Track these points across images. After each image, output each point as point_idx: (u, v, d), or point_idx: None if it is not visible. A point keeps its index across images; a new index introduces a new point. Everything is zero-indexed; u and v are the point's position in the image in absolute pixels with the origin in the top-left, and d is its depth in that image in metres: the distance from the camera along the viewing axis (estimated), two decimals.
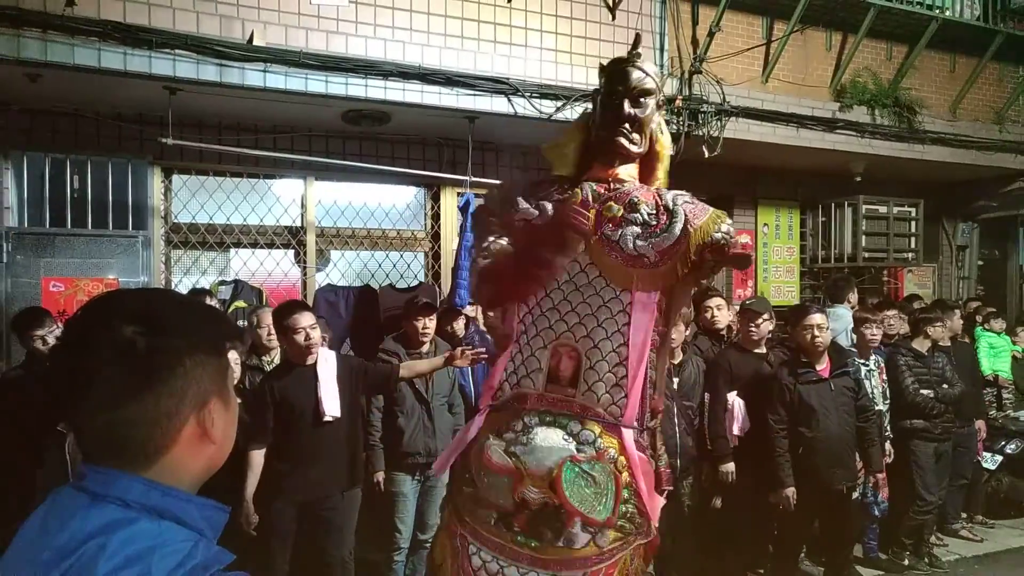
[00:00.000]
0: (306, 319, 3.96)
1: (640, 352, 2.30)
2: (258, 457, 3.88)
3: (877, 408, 5.25)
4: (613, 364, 2.28)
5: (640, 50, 2.51)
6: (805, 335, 4.70)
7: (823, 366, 4.74)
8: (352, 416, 4.09)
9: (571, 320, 2.30)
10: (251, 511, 3.84)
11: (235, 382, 4.27)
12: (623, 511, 2.25)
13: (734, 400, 4.83)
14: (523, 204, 2.39)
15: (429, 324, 4.71)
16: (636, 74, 2.38)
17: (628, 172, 2.46)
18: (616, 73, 2.41)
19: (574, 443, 2.22)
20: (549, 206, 2.40)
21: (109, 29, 4.73)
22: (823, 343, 4.69)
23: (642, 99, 2.39)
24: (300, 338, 3.92)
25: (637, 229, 2.32)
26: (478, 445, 2.31)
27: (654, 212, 2.36)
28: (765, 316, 4.95)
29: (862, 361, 5.37)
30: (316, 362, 3.99)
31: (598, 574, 2.24)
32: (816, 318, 4.70)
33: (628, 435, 2.27)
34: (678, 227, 2.34)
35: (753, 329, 4.96)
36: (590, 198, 2.37)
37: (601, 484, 2.21)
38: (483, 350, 4.26)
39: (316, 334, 4.00)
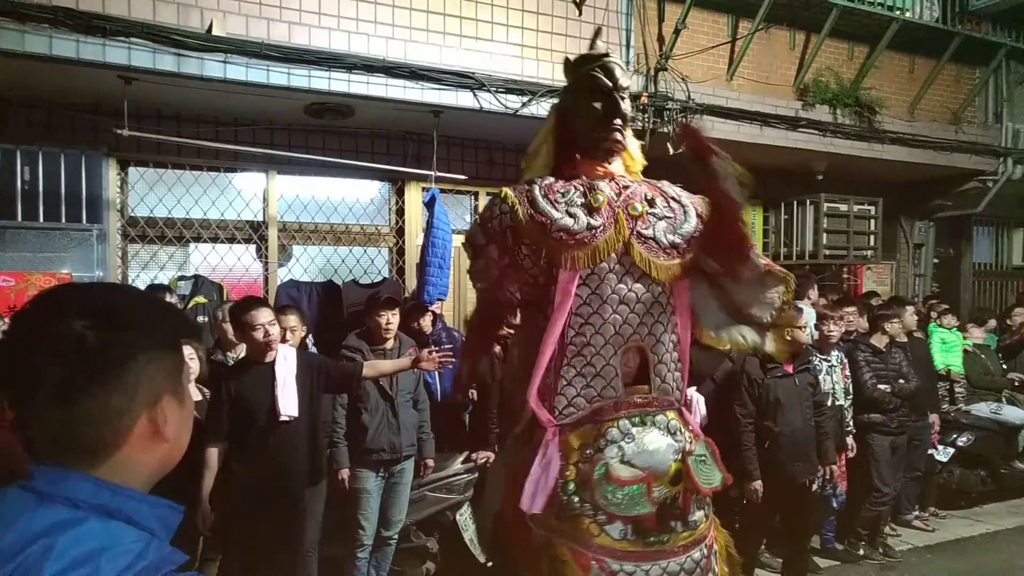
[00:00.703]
0: (264, 315, 3.88)
1: (687, 338, 2.45)
2: (214, 455, 3.80)
3: (839, 404, 5.35)
4: (672, 354, 2.40)
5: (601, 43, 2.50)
6: (787, 332, 4.78)
7: (790, 362, 4.81)
8: (312, 415, 4.02)
9: (634, 322, 2.32)
10: (207, 510, 3.76)
11: (195, 378, 4.19)
12: None
13: (694, 395, 4.87)
14: (555, 213, 2.32)
15: (392, 320, 4.65)
16: (619, 70, 2.40)
17: (620, 168, 2.48)
18: (606, 68, 2.40)
19: (669, 435, 2.32)
20: (602, 220, 2.34)
21: (61, 16, 4.59)
22: (799, 341, 4.75)
23: (625, 96, 2.43)
24: (258, 335, 3.83)
25: (664, 223, 2.38)
26: (594, 473, 2.25)
27: (667, 205, 2.44)
28: None
29: (823, 357, 5.45)
30: (275, 360, 3.90)
31: (712, 539, 2.42)
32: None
33: (687, 414, 2.48)
34: (693, 215, 2.45)
35: None
36: (613, 198, 2.36)
37: (708, 459, 2.40)
38: (450, 353, 4.22)
39: (275, 330, 3.92)
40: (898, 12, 7.86)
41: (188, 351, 4.18)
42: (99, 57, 4.72)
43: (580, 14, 6.26)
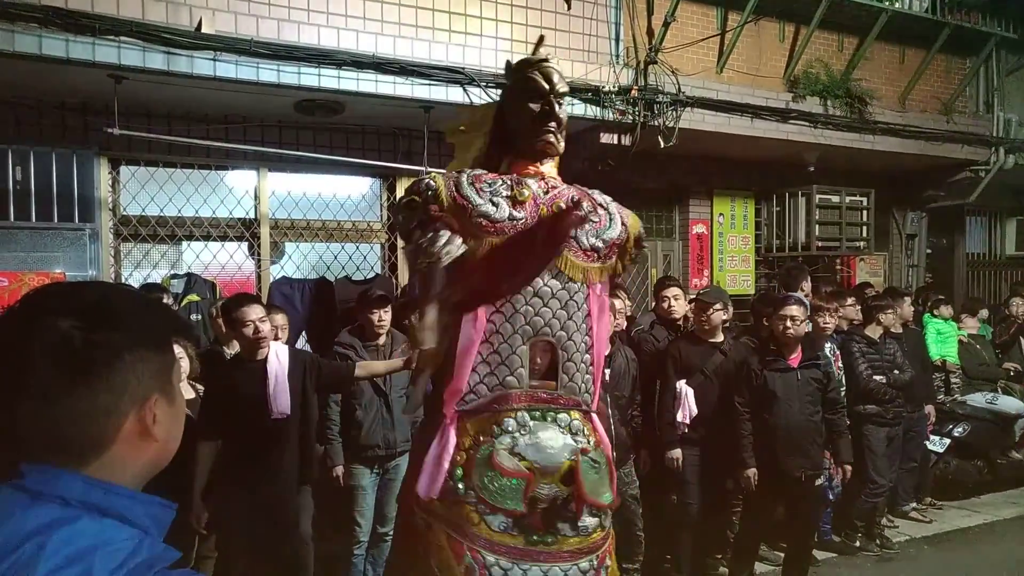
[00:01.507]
0: (255, 312, 3.88)
1: (601, 340, 2.46)
2: (206, 452, 3.80)
3: None
4: (583, 354, 2.39)
5: (543, 50, 2.57)
6: (779, 324, 4.77)
7: (794, 356, 4.79)
8: (304, 413, 4.02)
9: (546, 315, 2.33)
10: (201, 508, 3.77)
11: (186, 375, 4.19)
12: None
13: (682, 388, 4.87)
14: (477, 199, 2.31)
15: (384, 316, 4.65)
16: (557, 76, 2.44)
17: (552, 170, 2.51)
18: (544, 72, 2.44)
19: (569, 435, 2.31)
20: (525, 215, 2.34)
21: (50, 15, 4.58)
22: (794, 334, 4.75)
23: (562, 101, 2.47)
24: (249, 331, 3.84)
25: (587, 226, 2.41)
26: (478, 454, 2.24)
27: (592, 209, 2.47)
28: (717, 306, 4.97)
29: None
30: (266, 357, 3.90)
31: (605, 553, 2.39)
32: (792, 309, 4.76)
33: (596, 419, 2.45)
34: (618, 221, 2.51)
35: (704, 318, 5.00)
36: (540, 195, 2.39)
37: (602, 469, 2.36)
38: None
39: (266, 327, 3.92)
40: (887, 3, 7.90)
41: (178, 349, 4.19)
42: (89, 56, 4.72)
43: (569, 8, 6.27)
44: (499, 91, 5.82)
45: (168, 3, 4.97)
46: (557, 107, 2.43)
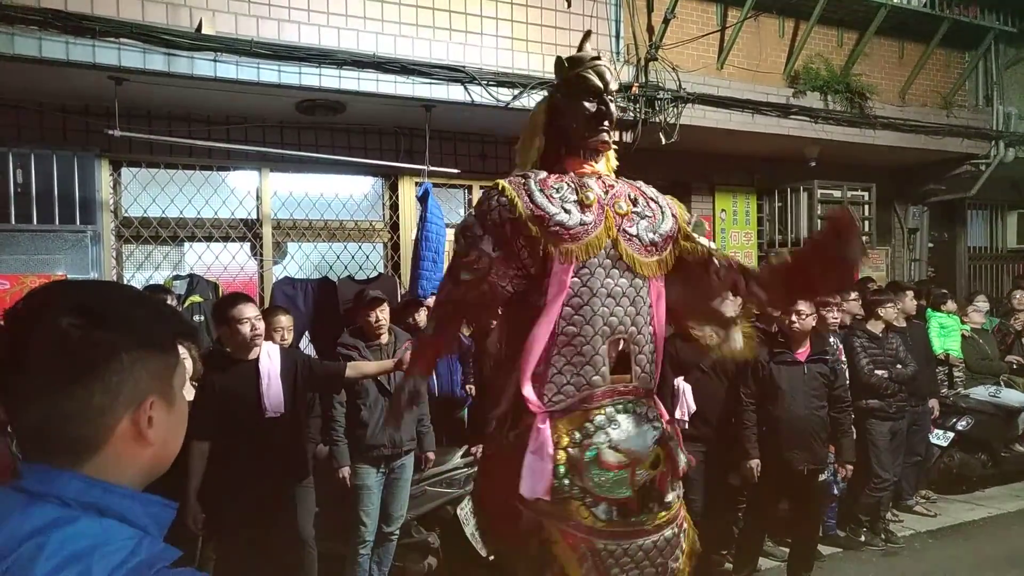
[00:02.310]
0: (251, 310, 3.89)
1: (662, 332, 2.60)
2: (200, 452, 3.78)
3: None
4: (650, 345, 2.53)
5: (589, 46, 2.65)
6: (785, 319, 4.78)
7: (802, 350, 4.79)
8: (296, 412, 4.01)
9: (620, 314, 2.45)
10: (197, 509, 3.76)
11: (190, 376, 4.18)
12: None
13: (680, 385, 4.87)
14: (551, 207, 2.42)
15: (381, 316, 4.64)
16: (610, 74, 2.53)
17: (604, 167, 2.61)
18: (598, 71, 2.52)
19: (647, 423, 2.47)
20: (592, 217, 2.46)
21: (50, 17, 4.58)
22: (800, 328, 4.75)
23: (615, 98, 2.56)
24: (247, 328, 3.82)
25: (645, 222, 2.53)
26: (584, 456, 2.37)
27: (647, 205, 2.58)
28: None
29: None
30: (258, 357, 3.89)
31: (683, 519, 2.60)
32: (799, 304, 4.77)
33: (658, 400, 2.65)
34: (669, 214, 2.62)
35: None
36: (602, 196, 2.49)
37: (677, 442, 2.58)
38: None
39: (261, 325, 3.93)
40: None
41: (181, 350, 4.17)
42: (89, 58, 4.71)
43: (569, 6, 6.26)
44: (500, 89, 5.85)
45: (168, 4, 4.97)
46: (612, 106, 2.53)
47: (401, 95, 5.59)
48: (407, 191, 6.66)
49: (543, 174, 2.50)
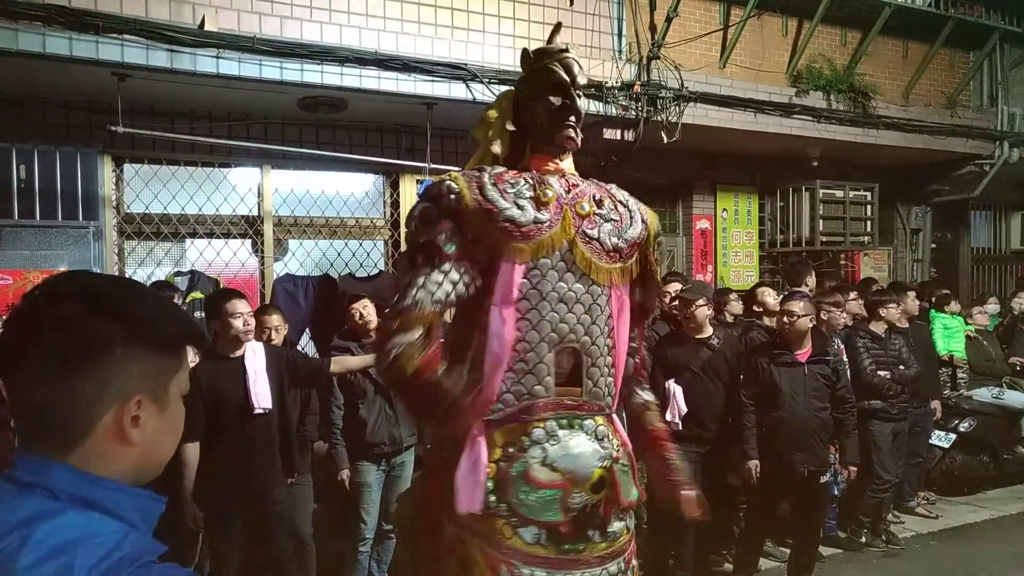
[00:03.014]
0: (245, 305, 3.92)
1: (622, 343, 2.41)
2: (192, 451, 3.78)
3: None
4: (606, 357, 2.34)
5: (559, 39, 2.49)
6: (780, 320, 4.78)
7: (803, 351, 4.77)
8: (284, 407, 4.02)
9: (571, 321, 2.27)
10: (195, 508, 3.77)
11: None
12: None
13: (671, 387, 4.86)
14: (502, 202, 2.23)
15: (365, 312, 4.64)
16: (577, 67, 2.35)
17: (571, 166, 2.43)
18: (564, 64, 2.35)
19: (596, 441, 2.26)
20: (549, 216, 2.26)
21: (53, 13, 4.59)
22: (793, 330, 4.73)
23: (581, 94, 2.39)
24: (239, 323, 3.85)
25: (609, 225, 2.35)
26: (512, 469, 2.18)
27: (613, 208, 2.41)
28: (700, 302, 4.92)
29: None
30: (244, 354, 3.90)
31: (632, 554, 2.38)
32: (790, 305, 4.75)
33: (617, 421, 2.43)
34: (639, 219, 2.45)
35: (689, 315, 4.93)
36: (563, 195, 2.31)
37: (628, 470, 2.34)
38: None
39: (253, 322, 3.97)
40: None
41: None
42: (92, 54, 4.72)
43: (572, 4, 6.26)
44: (502, 87, 5.85)
45: (171, 1, 4.98)
46: (577, 101, 2.35)
47: (403, 93, 5.59)
48: (408, 189, 6.67)
49: (500, 169, 2.33)
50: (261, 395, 3.85)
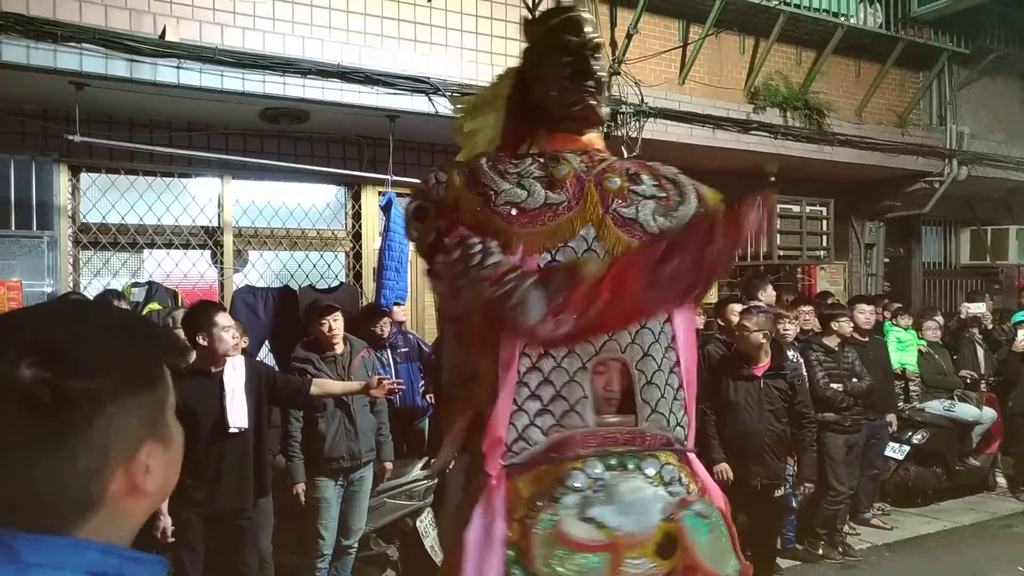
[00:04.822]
0: (227, 319, 3.85)
1: (690, 354, 1.89)
2: None
3: None
4: (668, 373, 1.81)
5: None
6: (735, 333, 4.84)
7: (761, 364, 4.84)
8: (259, 426, 3.96)
9: None
10: (167, 521, 3.71)
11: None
12: None
13: None
14: (502, 182, 1.79)
15: (334, 325, 4.59)
16: (588, 26, 1.92)
17: (596, 141, 2.00)
18: (568, 22, 1.92)
19: (662, 486, 1.70)
20: (565, 197, 1.79)
21: (11, 21, 4.53)
22: (747, 344, 4.81)
23: (598, 54, 1.94)
24: (228, 336, 3.78)
25: (652, 203, 1.86)
26: (536, 527, 1.61)
27: (657, 183, 1.92)
28: None
29: None
30: (223, 370, 3.82)
31: None
32: (744, 320, 4.83)
33: (696, 461, 1.85)
34: (693, 198, 1.94)
35: None
36: (582, 171, 1.85)
37: (716, 526, 1.71)
38: (401, 381, 4.27)
39: (239, 335, 3.92)
40: (843, 18, 8.08)
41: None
42: (50, 63, 4.67)
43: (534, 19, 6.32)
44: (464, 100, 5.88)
45: (132, 11, 4.94)
46: (593, 62, 1.92)
47: (365, 105, 5.60)
48: (370, 201, 6.66)
49: (501, 154, 1.93)
50: (237, 414, 3.76)
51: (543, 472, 1.68)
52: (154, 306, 5.36)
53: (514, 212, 1.75)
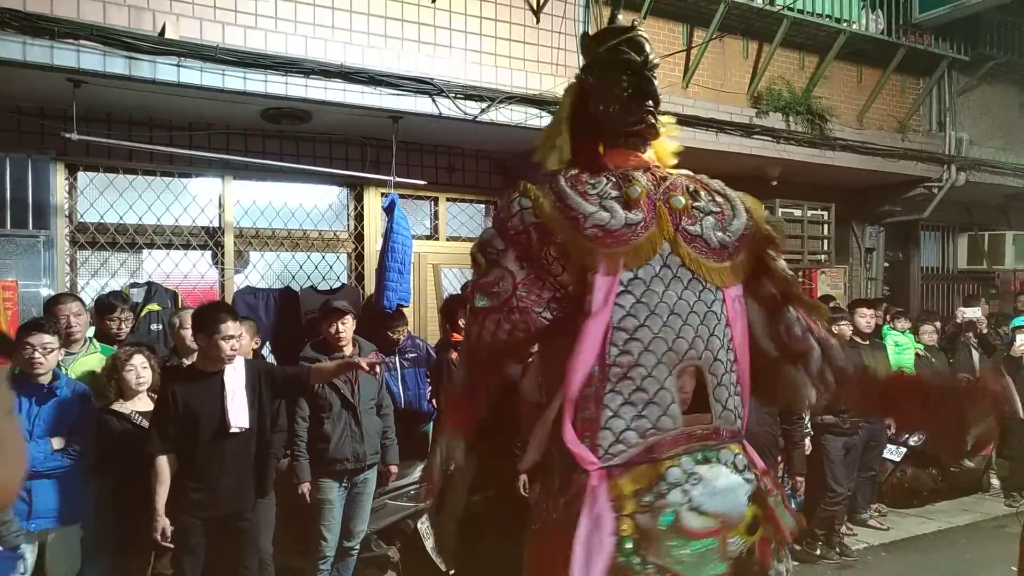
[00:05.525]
0: (234, 327, 3.81)
1: (745, 353, 2.07)
2: (165, 464, 3.69)
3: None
4: (730, 375, 2.02)
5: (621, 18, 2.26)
6: None
7: None
8: (261, 425, 3.94)
9: (688, 335, 1.93)
10: (166, 523, 3.67)
11: (148, 388, 4.07)
12: None
13: None
14: (587, 206, 1.97)
15: (343, 328, 4.61)
16: (648, 46, 2.07)
17: (655, 158, 2.17)
18: (631, 43, 2.06)
19: (738, 473, 1.97)
20: (642, 215, 1.97)
21: (7, 17, 4.46)
22: None
23: (656, 75, 2.10)
24: (227, 346, 3.75)
25: (711, 219, 2.05)
26: (657, 525, 1.85)
27: (712, 199, 2.11)
28: None
29: None
30: (224, 370, 3.80)
31: None
32: None
33: (748, 446, 2.10)
34: (741, 209, 2.14)
35: None
36: (652, 190, 2.02)
37: (779, 497, 2.07)
38: (375, 359, 4.29)
39: (239, 344, 3.87)
40: (845, 24, 8.08)
41: (140, 360, 4.08)
42: (47, 59, 4.59)
43: (538, 21, 6.30)
44: (468, 102, 5.85)
45: (131, 7, 4.88)
46: (652, 83, 2.07)
47: (368, 106, 5.55)
48: (372, 202, 6.61)
49: (575, 171, 2.04)
50: (238, 414, 3.74)
51: (642, 471, 1.89)
52: (153, 307, 5.32)
53: (599, 234, 1.92)
